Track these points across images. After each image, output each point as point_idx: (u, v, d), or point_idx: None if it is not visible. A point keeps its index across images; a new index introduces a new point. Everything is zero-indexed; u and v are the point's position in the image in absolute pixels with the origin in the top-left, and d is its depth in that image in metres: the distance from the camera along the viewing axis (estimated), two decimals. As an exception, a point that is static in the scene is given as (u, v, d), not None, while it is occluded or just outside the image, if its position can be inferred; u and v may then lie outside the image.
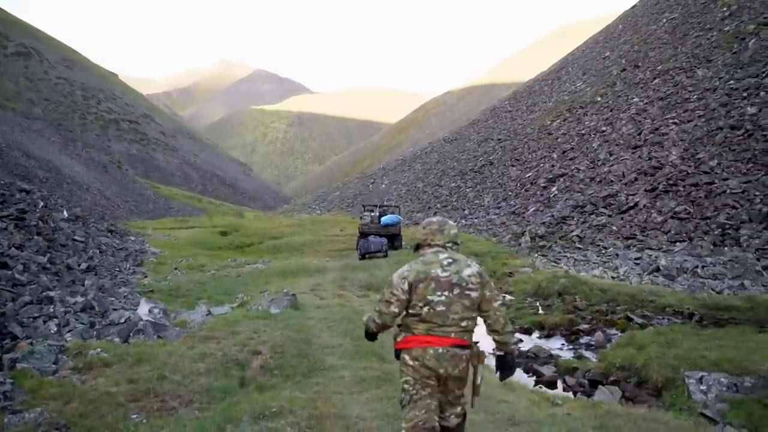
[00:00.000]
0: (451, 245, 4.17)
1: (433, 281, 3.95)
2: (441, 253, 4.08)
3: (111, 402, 6.32)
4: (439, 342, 3.92)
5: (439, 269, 3.99)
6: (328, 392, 6.77)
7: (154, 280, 18.79)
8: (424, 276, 3.96)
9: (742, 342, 9.85)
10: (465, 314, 3.97)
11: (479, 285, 4.01)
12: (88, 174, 66.18)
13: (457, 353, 3.94)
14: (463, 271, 4.01)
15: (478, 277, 4.03)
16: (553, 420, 6.27)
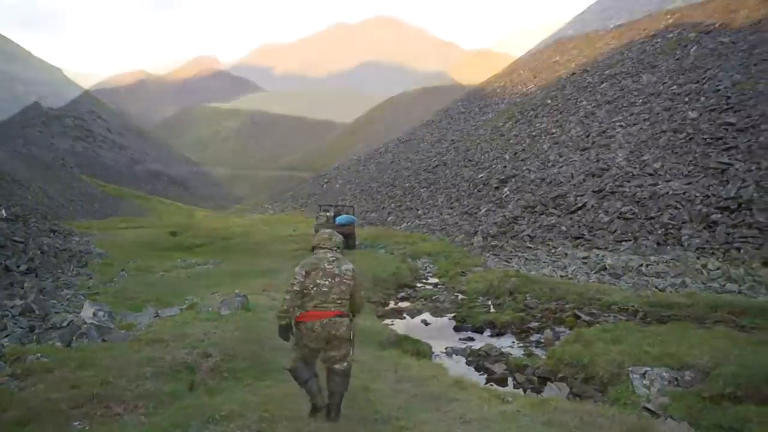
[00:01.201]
0: (336, 249, 6.03)
1: (321, 270, 5.75)
2: (329, 253, 5.93)
3: (52, 409, 6.11)
4: (324, 315, 5.63)
5: (326, 263, 5.81)
6: (280, 394, 6.71)
7: (100, 282, 18.25)
8: (315, 267, 5.76)
9: (683, 338, 10.19)
10: (341, 296, 5.74)
11: (352, 278, 5.83)
12: (30, 172, 63.93)
13: (337, 321, 5.67)
14: (342, 266, 5.84)
15: (351, 272, 5.86)
16: (503, 417, 6.36)
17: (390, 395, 7.15)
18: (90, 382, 6.90)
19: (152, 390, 6.93)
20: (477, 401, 7.06)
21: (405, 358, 9.64)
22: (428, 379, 8.00)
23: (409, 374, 8.26)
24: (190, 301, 14.37)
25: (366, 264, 20.87)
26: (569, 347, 10.44)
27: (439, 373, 8.58)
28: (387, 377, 8.06)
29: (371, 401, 6.77)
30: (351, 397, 6.20)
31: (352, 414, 6.09)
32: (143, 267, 22.81)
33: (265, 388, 7.08)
